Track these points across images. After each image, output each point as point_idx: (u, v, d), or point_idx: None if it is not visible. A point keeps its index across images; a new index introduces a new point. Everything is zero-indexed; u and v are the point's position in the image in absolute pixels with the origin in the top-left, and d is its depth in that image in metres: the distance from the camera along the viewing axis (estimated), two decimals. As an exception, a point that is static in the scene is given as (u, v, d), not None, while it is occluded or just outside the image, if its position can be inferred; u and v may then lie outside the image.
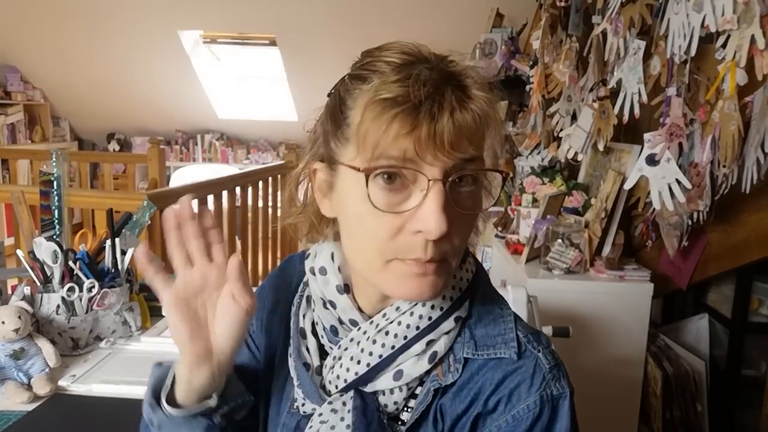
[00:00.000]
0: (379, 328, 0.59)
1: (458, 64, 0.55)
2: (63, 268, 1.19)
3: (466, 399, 0.57)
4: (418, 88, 0.50)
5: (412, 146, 0.50)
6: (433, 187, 0.51)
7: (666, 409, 1.95)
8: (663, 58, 1.66)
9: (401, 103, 0.50)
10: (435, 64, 0.53)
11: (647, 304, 1.93)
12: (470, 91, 0.53)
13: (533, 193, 2.45)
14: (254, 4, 4.16)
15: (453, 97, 0.51)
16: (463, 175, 0.53)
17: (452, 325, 0.59)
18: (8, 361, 1.04)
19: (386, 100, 0.50)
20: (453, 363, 0.59)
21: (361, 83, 0.54)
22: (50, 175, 1.31)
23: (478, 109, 0.52)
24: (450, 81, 0.52)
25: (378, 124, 0.50)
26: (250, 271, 3.14)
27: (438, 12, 3.99)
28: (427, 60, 0.54)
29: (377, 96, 0.51)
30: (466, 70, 0.55)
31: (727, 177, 1.45)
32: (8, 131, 5.19)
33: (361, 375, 0.59)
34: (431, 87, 0.50)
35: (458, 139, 0.51)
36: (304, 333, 0.66)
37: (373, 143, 0.51)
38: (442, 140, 0.50)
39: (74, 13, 4.41)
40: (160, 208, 2.13)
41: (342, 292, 0.61)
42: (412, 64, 0.53)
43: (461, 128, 0.50)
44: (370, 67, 0.54)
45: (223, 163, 5.80)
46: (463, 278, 0.63)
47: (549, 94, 2.49)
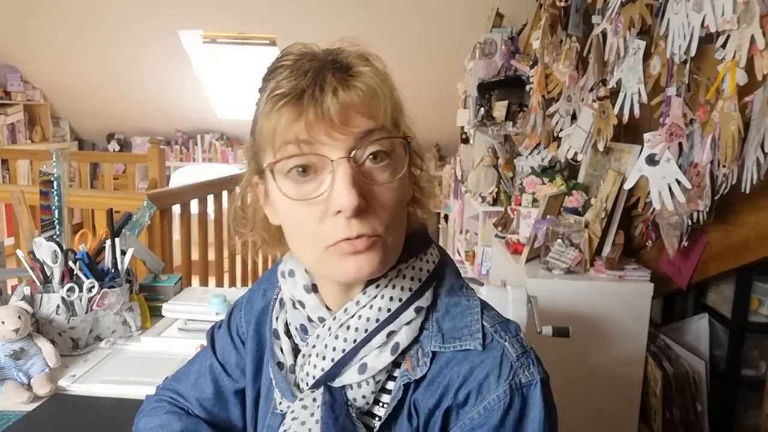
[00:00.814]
0: (341, 323, 0.60)
1: (346, 52, 0.58)
2: (63, 268, 1.19)
3: (436, 392, 0.58)
4: (301, 77, 0.54)
5: (303, 130, 0.53)
6: (338, 166, 0.53)
7: (666, 409, 1.95)
8: (663, 58, 1.66)
9: (287, 94, 0.54)
10: (322, 56, 0.57)
11: (647, 304, 1.93)
12: (353, 69, 0.56)
13: (533, 193, 2.45)
14: (254, 4, 4.16)
15: (334, 78, 0.54)
16: (366, 148, 0.54)
17: (413, 315, 0.60)
18: (8, 361, 1.04)
19: (275, 96, 0.54)
20: (421, 357, 0.60)
21: (264, 85, 0.58)
22: (50, 175, 1.31)
23: (361, 83, 0.55)
24: (331, 65, 0.55)
25: (271, 119, 0.54)
26: (249, 271, 3.14)
27: (438, 12, 3.99)
28: (315, 55, 0.57)
29: (270, 95, 0.55)
30: (350, 54, 0.58)
31: (727, 177, 1.45)
32: (8, 131, 5.19)
33: (327, 371, 0.60)
34: (313, 73, 0.54)
35: (347, 116, 0.53)
36: (277, 334, 0.68)
37: (270, 137, 0.55)
38: (331, 119, 0.52)
39: (74, 13, 4.41)
40: (160, 208, 2.13)
41: (309, 291, 0.64)
42: (305, 57, 0.56)
43: (348, 105, 0.53)
44: (269, 76, 0.57)
45: (223, 163, 5.80)
46: (423, 269, 0.63)
47: (549, 94, 2.49)
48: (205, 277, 2.60)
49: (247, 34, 4.93)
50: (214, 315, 1.30)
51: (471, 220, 3.48)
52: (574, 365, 1.95)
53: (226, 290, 1.68)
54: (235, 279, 2.98)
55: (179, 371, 0.82)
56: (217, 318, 1.30)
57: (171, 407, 0.77)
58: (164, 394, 0.79)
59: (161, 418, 0.74)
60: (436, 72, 4.36)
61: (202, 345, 1.21)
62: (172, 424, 0.73)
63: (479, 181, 3.18)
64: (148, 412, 0.77)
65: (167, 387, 0.80)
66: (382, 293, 0.60)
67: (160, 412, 0.76)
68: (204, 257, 2.60)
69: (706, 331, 2.00)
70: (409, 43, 4.22)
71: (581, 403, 1.92)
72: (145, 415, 0.77)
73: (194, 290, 1.52)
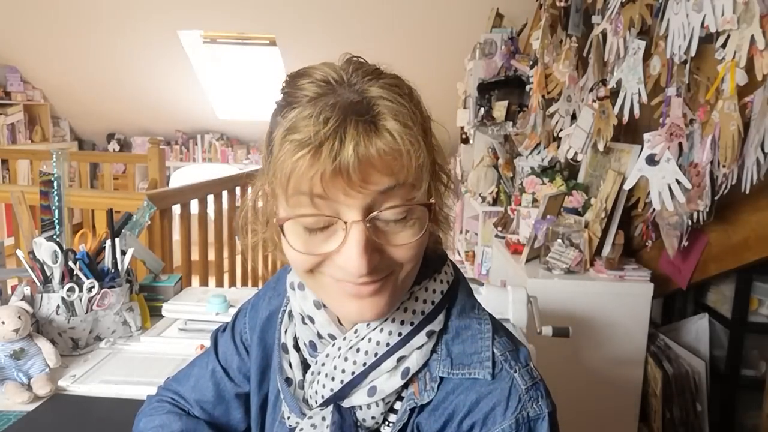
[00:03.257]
0: (351, 344, 0.59)
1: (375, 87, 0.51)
2: (63, 268, 1.19)
3: (440, 419, 0.57)
4: (321, 126, 0.48)
5: (319, 185, 0.48)
6: (352, 230, 0.50)
7: (666, 409, 1.95)
8: (663, 58, 1.66)
9: (306, 143, 0.48)
10: (349, 90, 0.51)
11: (647, 304, 1.93)
12: (379, 122, 0.49)
13: (533, 193, 2.45)
14: (254, 4, 4.16)
15: (356, 130, 0.48)
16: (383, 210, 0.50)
17: (424, 339, 0.58)
18: (8, 361, 1.04)
19: (293, 141, 0.49)
20: (429, 381, 0.58)
21: (281, 112, 0.52)
22: (50, 175, 1.31)
23: (386, 139, 0.49)
24: (356, 112, 0.49)
25: (285, 163, 0.49)
26: (249, 271, 3.14)
27: (438, 12, 3.99)
28: (340, 94, 0.51)
29: (288, 135, 0.50)
30: (382, 95, 0.51)
31: (727, 177, 1.45)
32: (8, 131, 5.19)
33: (336, 391, 0.59)
34: (335, 122, 0.48)
35: (366, 173, 0.48)
36: (286, 348, 0.66)
37: (283, 180, 0.50)
38: (349, 175, 0.48)
39: (74, 13, 4.41)
40: (160, 208, 2.13)
41: (319, 307, 0.61)
42: (327, 94, 0.51)
43: (368, 160, 0.48)
44: (290, 97, 0.52)
45: (223, 163, 5.79)
46: (437, 290, 0.61)
47: (549, 94, 2.49)
48: (205, 277, 2.60)
49: (247, 34, 4.93)
50: (214, 315, 1.30)
51: (471, 220, 3.49)
52: (574, 365, 1.95)
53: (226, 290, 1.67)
54: (235, 279, 2.98)
55: (180, 372, 0.82)
56: (217, 318, 1.30)
57: (172, 407, 0.77)
58: (165, 394, 0.79)
59: (161, 418, 0.74)
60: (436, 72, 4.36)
61: (202, 345, 1.21)
62: (173, 424, 0.73)
63: (479, 181, 3.18)
64: (148, 411, 0.77)
65: (168, 387, 0.80)
66: (393, 316, 0.58)
67: (161, 412, 0.76)
68: (204, 257, 2.60)
69: (706, 331, 2.00)
70: (409, 43, 4.22)
71: (581, 403, 1.93)
72: (145, 415, 0.77)
73: (194, 290, 1.52)
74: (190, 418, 0.75)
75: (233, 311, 1.29)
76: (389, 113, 0.50)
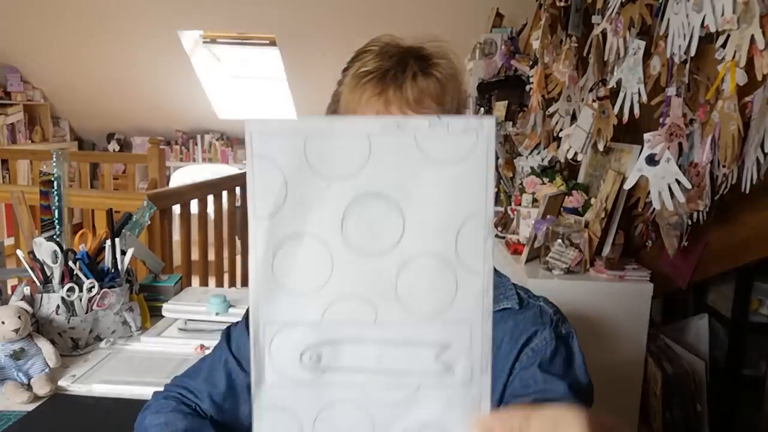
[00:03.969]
0: None
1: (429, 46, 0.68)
2: (63, 268, 1.19)
3: None
4: (386, 60, 0.63)
5: (382, 106, 0.60)
6: None
7: (666, 409, 1.95)
8: (663, 58, 1.66)
9: (372, 72, 0.62)
10: (406, 46, 0.67)
11: (647, 304, 1.92)
12: (432, 60, 0.65)
13: (533, 193, 2.45)
14: (254, 4, 4.16)
15: (416, 65, 0.63)
16: None
17: None
18: (8, 361, 1.04)
19: (361, 73, 0.61)
20: None
21: (347, 71, 0.67)
22: (50, 175, 1.31)
23: (437, 73, 0.64)
24: (414, 55, 0.65)
25: (354, 93, 0.62)
26: (250, 271, 3.14)
27: (438, 12, 3.99)
28: (400, 45, 0.67)
29: (357, 71, 0.63)
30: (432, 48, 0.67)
31: (727, 177, 1.45)
32: (8, 131, 5.18)
33: None
34: (397, 58, 0.63)
35: (422, 99, 0.62)
36: None
37: (352, 110, 0.62)
38: (407, 99, 0.60)
39: (74, 13, 4.41)
40: (160, 208, 2.13)
41: None
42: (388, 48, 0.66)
43: (423, 89, 0.62)
44: (356, 58, 0.67)
45: (223, 163, 5.79)
46: None
47: (549, 94, 2.49)
48: (205, 277, 2.60)
49: (247, 34, 4.93)
50: (214, 315, 1.30)
51: (471, 220, 3.48)
52: (574, 365, 1.94)
53: (226, 290, 1.68)
54: (235, 279, 2.98)
55: (189, 369, 0.83)
56: (217, 318, 1.30)
57: (178, 405, 0.77)
58: (172, 390, 0.80)
59: (167, 416, 0.75)
60: (436, 72, 4.36)
61: (202, 345, 1.21)
62: (177, 423, 0.73)
63: (479, 181, 3.18)
64: (154, 408, 0.78)
65: (176, 383, 0.81)
66: None
67: (167, 410, 0.76)
68: (204, 257, 2.60)
69: (706, 331, 2.00)
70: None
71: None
72: (151, 412, 0.77)
73: (194, 290, 1.52)
74: (195, 417, 0.76)
75: (233, 311, 1.30)
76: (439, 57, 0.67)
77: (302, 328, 0.30)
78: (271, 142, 0.30)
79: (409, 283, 0.30)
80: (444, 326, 0.29)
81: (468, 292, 0.30)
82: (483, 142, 0.29)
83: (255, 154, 0.30)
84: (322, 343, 0.30)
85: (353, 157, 0.29)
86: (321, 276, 0.30)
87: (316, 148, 0.29)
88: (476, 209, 0.29)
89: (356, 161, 0.29)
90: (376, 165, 0.29)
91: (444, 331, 0.29)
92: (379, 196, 0.29)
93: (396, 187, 0.29)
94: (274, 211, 0.30)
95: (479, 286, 0.30)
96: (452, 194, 0.29)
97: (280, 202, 0.30)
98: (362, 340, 0.30)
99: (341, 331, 0.30)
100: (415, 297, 0.30)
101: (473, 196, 0.29)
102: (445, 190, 0.29)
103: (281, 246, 0.30)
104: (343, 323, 0.30)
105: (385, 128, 0.29)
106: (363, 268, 0.30)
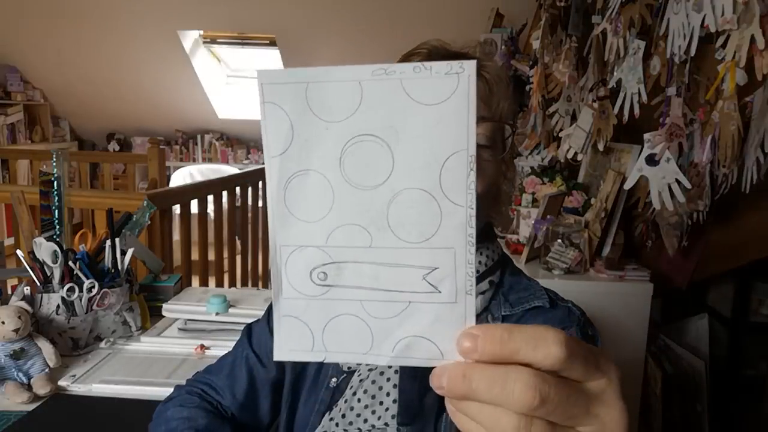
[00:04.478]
0: None
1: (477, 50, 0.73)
2: (63, 268, 1.19)
3: None
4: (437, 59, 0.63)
5: None
6: None
7: (666, 409, 1.95)
8: (663, 58, 1.66)
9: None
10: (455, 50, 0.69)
11: (647, 304, 1.92)
12: (481, 63, 0.67)
13: (533, 193, 2.45)
14: (254, 4, 4.16)
15: None
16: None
17: (486, 286, 0.70)
18: (8, 361, 1.04)
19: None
20: (491, 321, 0.68)
21: None
22: (50, 175, 1.31)
23: (486, 74, 0.67)
24: (464, 56, 0.68)
25: None
26: (249, 271, 3.14)
27: (438, 12, 3.99)
28: (449, 49, 0.69)
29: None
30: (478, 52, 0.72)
31: (727, 177, 1.45)
32: (8, 131, 5.18)
33: None
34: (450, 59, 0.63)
35: None
36: None
37: None
38: None
39: (74, 13, 4.41)
40: (160, 208, 2.13)
41: None
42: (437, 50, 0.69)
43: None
44: (405, 61, 0.69)
45: (223, 163, 5.79)
46: (490, 256, 0.73)
47: (549, 94, 2.49)
48: (205, 277, 2.60)
49: (247, 34, 4.93)
50: (214, 315, 1.30)
51: (471, 220, 3.48)
52: (574, 365, 1.94)
53: (226, 290, 1.68)
54: (235, 279, 2.98)
55: (211, 366, 0.84)
56: (217, 318, 1.30)
57: (201, 401, 0.79)
58: (196, 386, 0.81)
59: (190, 411, 0.76)
60: (436, 72, 4.36)
61: (202, 345, 1.22)
62: (199, 419, 0.75)
63: (479, 181, 3.18)
64: (178, 401, 0.79)
65: (199, 380, 0.82)
66: None
67: (190, 405, 0.77)
68: (204, 257, 2.60)
69: (706, 331, 2.00)
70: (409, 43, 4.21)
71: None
72: (174, 404, 0.78)
73: (194, 290, 1.52)
74: (216, 417, 0.77)
75: (233, 311, 1.30)
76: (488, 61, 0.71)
77: (310, 250, 0.35)
78: (278, 90, 0.34)
79: (398, 213, 0.33)
80: (430, 252, 0.33)
81: (451, 223, 0.33)
82: (464, 83, 0.32)
83: (266, 101, 0.34)
84: (326, 263, 0.35)
85: (347, 101, 0.33)
86: (324, 206, 0.34)
87: (316, 94, 0.34)
88: (458, 146, 0.32)
89: (350, 105, 0.33)
90: (367, 108, 0.33)
91: (430, 255, 0.33)
92: (371, 136, 0.33)
93: (385, 128, 0.33)
94: (283, 150, 0.34)
95: (462, 217, 0.33)
96: (436, 133, 0.33)
97: (288, 142, 0.34)
98: (360, 262, 0.34)
99: (342, 254, 0.34)
100: (404, 225, 0.33)
101: (455, 134, 0.32)
102: (429, 129, 0.33)
103: (290, 181, 0.35)
104: (343, 247, 0.34)
105: (375, 74, 0.33)
106: (359, 200, 0.34)
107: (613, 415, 0.30)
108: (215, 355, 1.16)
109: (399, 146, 0.33)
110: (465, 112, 0.32)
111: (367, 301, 0.34)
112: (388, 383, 0.67)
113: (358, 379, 0.69)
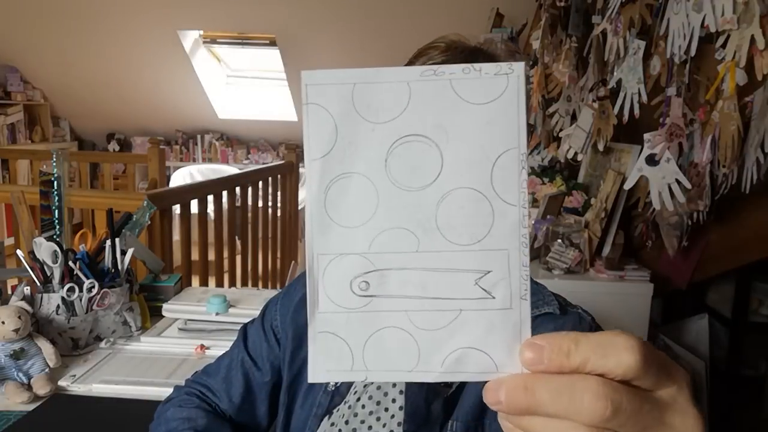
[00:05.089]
0: None
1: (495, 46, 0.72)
2: (63, 268, 1.19)
3: None
4: (455, 57, 0.66)
5: None
6: None
7: (666, 409, 1.95)
8: (663, 58, 1.66)
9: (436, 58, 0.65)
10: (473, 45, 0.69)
11: (647, 304, 1.93)
12: (499, 58, 0.69)
13: (533, 193, 2.45)
14: (254, 4, 4.16)
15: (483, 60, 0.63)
16: None
17: None
18: (8, 361, 1.04)
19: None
20: None
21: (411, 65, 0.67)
22: (50, 175, 1.31)
23: None
24: (482, 52, 0.68)
25: None
26: (250, 271, 3.14)
27: (438, 12, 3.99)
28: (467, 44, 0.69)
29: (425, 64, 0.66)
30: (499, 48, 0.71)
31: (727, 177, 1.45)
32: (8, 131, 5.18)
33: None
34: (466, 54, 0.66)
35: None
36: None
37: None
38: None
39: (74, 13, 4.41)
40: (160, 208, 2.13)
41: None
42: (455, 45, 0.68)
43: None
44: (422, 54, 0.69)
45: (223, 163, 5.79)
46: None
47: (549, 94, 2.49)
48: (205, 277, 2.60)
49: (247, 34, 4.93)
50: (214, 315, 1.30)
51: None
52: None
53: (226, 290, 1.68)
54: (235, 279, 2.98)
55: (209, 366, 0.84)
56: (217, 318, 1.30)
57: (200, 402, 0.79)
58: (194, 387, 0.81)
59: (189, 412, 0.76)
60: (436, 72, 4.36)
61: (202, 345, 1.21)
62: (199, 420, 0.75)
63: (479, 181, 3.18)
64: (177, 402, 0.79)
65: (197, 381, 0.82)
66: None
67: (190, 406, 0.78)
68: (204, 257, 2.60)
69: (706, 331, 2.00)
70: (409, 42, 4.21)
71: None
72: (174, 405, 0.79)
73: (194, 290, 1.52)
74: (216, 417, 0.77)
75: (233, 311, 1.30)
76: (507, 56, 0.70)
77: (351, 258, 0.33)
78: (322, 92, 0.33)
79: (447, 214, 0.32)
80: (482, 254, 0.32)
81: (504, 223, 0.32)
82: (514, 82, 0.31)
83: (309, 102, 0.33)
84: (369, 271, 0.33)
85: (395, 102, 0.33)
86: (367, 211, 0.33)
87: (362, 95, 0.33)
88: (509, 144, 0.32)
89: (398, 106, 0.33)
90: (416, 108, 0.32)
91: (482, 258, 0.32)
92: (418, 136, 0.33)
93: (434, 128, 0.32)
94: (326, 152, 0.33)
95: (515, 216, 0.32)
96: (486, 132, 0.32)
97: (331, 144, 0.33)
98: (406, 268, 0.32)
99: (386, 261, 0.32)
100: (454, 227, 0.32)
101: (506, 133, 0.32)
102: (480, 128, 0.32)
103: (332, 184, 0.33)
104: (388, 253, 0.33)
105: (423, 75, 0.32)
106: (405, 202, 0.32)
107: (688, 423, 0.28)
108: (215, 355, 1.16)
109: (448, 145, 0.32)
110: (515, 111, 0.32)
111: (413, 312, 0.32)
112: (394, 389, 0.65)
113: (362, 384, 0.67)
